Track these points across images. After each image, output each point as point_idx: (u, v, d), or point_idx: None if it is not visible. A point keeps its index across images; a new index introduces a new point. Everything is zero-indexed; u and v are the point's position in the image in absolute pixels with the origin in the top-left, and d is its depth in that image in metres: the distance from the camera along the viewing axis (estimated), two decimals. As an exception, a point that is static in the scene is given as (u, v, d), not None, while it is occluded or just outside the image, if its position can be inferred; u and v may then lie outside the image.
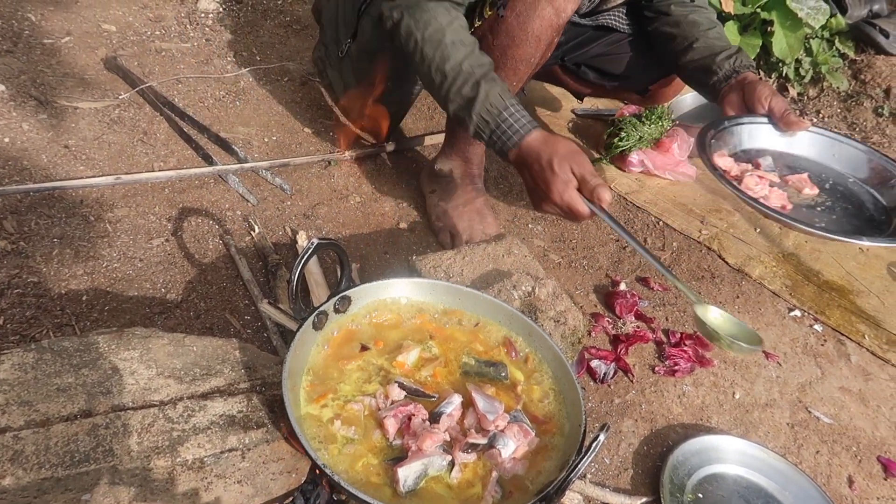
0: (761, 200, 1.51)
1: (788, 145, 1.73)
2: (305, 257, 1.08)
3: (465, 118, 1.41)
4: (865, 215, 1.60)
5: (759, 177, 1.58)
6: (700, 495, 1.38)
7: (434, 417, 1.07)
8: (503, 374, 1.18)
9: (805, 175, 1.64)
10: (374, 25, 1.74)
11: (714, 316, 1.27)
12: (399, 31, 1.48)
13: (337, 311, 1.20)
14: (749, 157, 1.69)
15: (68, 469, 0.93)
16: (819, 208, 1.59)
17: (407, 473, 0.99)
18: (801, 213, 1.56)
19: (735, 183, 1.54)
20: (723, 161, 1.61)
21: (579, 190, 1.32)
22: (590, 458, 0.92)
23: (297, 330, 1.11)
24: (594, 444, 0.92)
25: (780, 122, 1.67)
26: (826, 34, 3.05)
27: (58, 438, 0.96)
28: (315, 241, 1.10)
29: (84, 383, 1.05)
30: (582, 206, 1.31)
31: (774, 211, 1.47)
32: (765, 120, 1.69)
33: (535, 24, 1.53)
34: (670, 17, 1.84)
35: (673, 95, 2.15)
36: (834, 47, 3.05)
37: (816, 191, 1.62)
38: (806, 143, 1.73)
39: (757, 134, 1.70)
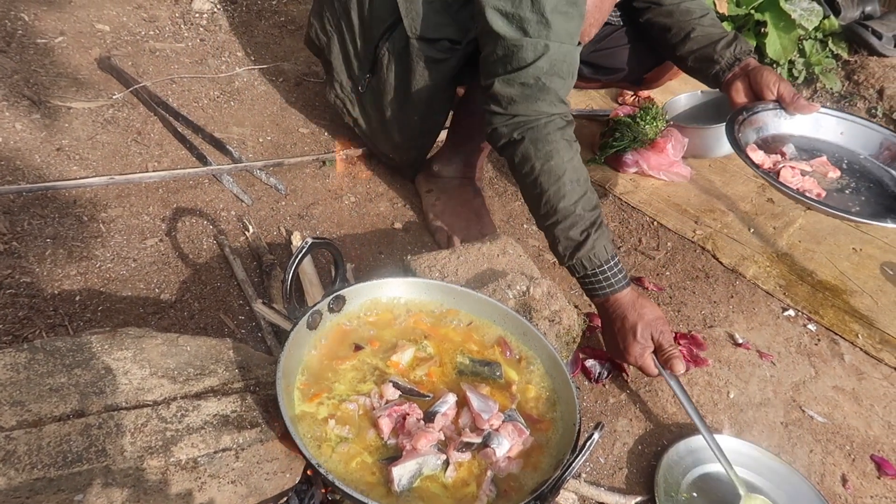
0: (806, 193, 1.56)
1: (798, 128, 1.75)
2: (300, 256, 1.08)
3: (564, 254, 1.44)
4: (888, 191, 1.63)
5: (791, 167, 1.60)
6: (694, 494, 1.38)
7: (428, 417, 1.07)
8: (498, 374, 1.18)
9: (824, 158, 1.67)
10: (398, 58, 1.71)
11: None
12: (515, 152, 1.46)
13: (331, 310, 1.20)
14: (771, 146, 1.71)
15: (61, 469, 0.93)
16: (847, 191, 1.63)
17: (401, 473, 0.99)
18: (836, 200, 1.59)
19: (774, 177, 1.58)
20: (756, 156, 1.64)
21: (655, 352, 1.47)
22: (584, 457, 0.92)
23: (292, 329, 1.11)
24: (588, 443, 0.92)
25: (791, 107, 1.69)
26: (819, 35, 3.06)
27: (50, 438, 0.96)
28: (309, 240, 1.10)
29: (77, 383, 1.04)
30: (654, 369, 1.47)
31: (822, 203, 1.51)
32: (774, 105, 1.71)
33: None
34: (662, 6, 1.83)
35: (666, 79, 2.13)
36: (827, 48, 3.07)
37: (838, 173, 1.66)
38: (811, 124, 1.76)
39: (772, 121, 1.73)
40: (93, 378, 1.06)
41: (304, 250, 1.09)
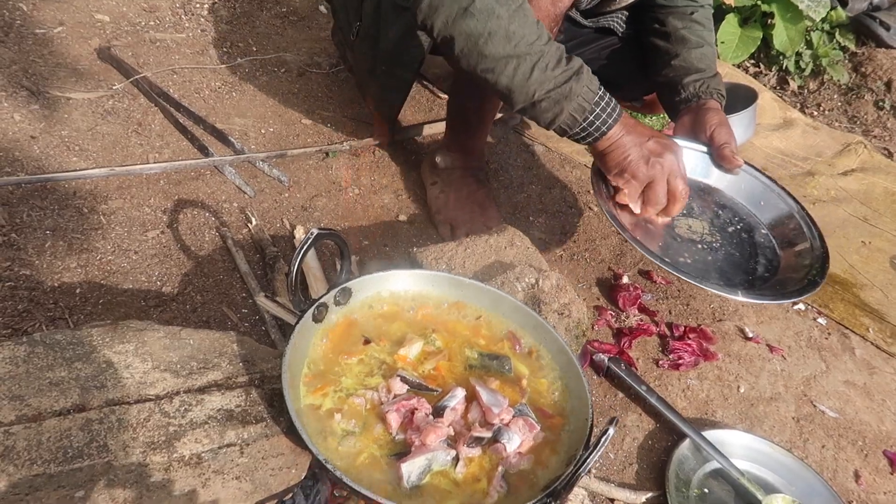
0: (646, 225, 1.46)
1: (720, 180, 1.64)
2: (305, 247, 1.06)
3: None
4: (746, 267, 1.49)
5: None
6: (706, 490, 1.36)
7: (437, 411, 1.05)
8: (507, 368, 1.16)
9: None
10: (374, 8, 1.70)
11: None
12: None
13: (337, 303, 1.17)
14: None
15: (61, 465, 0.90)
16: (700, 245, 1.50)
17: (410, 469, 0.97)
18: (672, 244, 1.47)
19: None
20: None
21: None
22: (598, 453, 0.90)
23: (297, 322, 1.09)
24: (603, 439, 0.89)
25: (715, 155, 1.59)
26: (826, 27, 3.03)
27: (50, 434, 0.93)
28: (315, 231, 1.07)
29: (77, 377, 1.02)
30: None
31: (624, 230, 1.39)
32: (705, 149, 1.60)
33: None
34: (665, 28, 1.74)
35: None
36: (834, 40, 3.04)
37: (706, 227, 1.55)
38: (739, 182, 1.64)
39: (694, 164, 1.58)
40: (94, 372, 1.03)
41: (309, 241, 1.06)
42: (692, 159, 1.57)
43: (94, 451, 0.93)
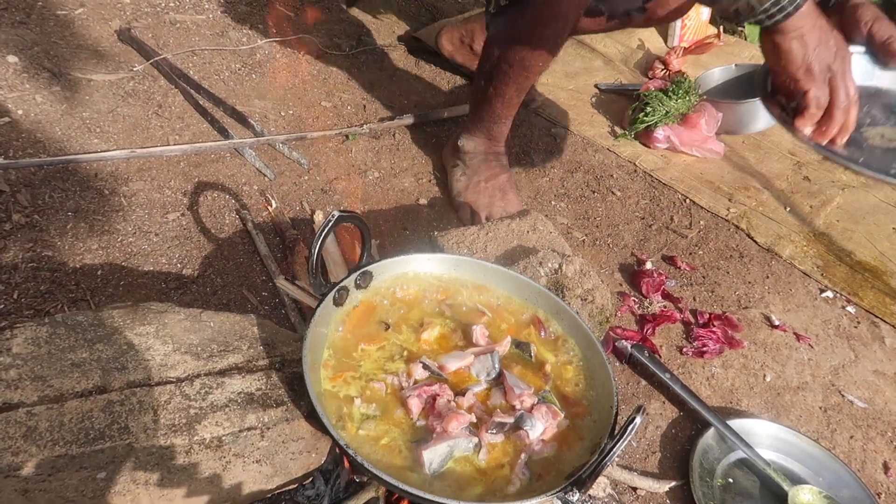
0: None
1: (892, 81, 1.38)
2: (326, 230, 1.04)
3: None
4: None
5: None
6: (730, 480, 1.33)
7: (460, 392, 1.03)
8: (530, 354, 1.14)
9: None
10: None
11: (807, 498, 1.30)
12: None
13: (358, 286, 1.16)
14: None
15: (83, 446, 0.90)
16: None
17: (432, 456, 0.95)
18: (876, 156, 1.27)
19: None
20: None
21: None
22: (625, 442, 0.88)
23: (318, 306, 1.08)
24: (629, 428, 0.88)
25: (880, 52, 1.33)
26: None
27: (72, 415, 0.93)
28: (336, 213, 1.06)
29: (99, 358, 1.01)
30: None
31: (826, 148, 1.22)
32: (862, 51, 1.34)
33: (564, 4, 1.46)
34: None
35: (675, 13, 1.92)
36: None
37: None
38: None
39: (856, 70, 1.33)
40: (115, 353, 1.03)
41: (330, 224, 1.05)
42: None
43: (116, 433, 0.93)
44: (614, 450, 0.88)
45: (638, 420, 0.88)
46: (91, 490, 0.94)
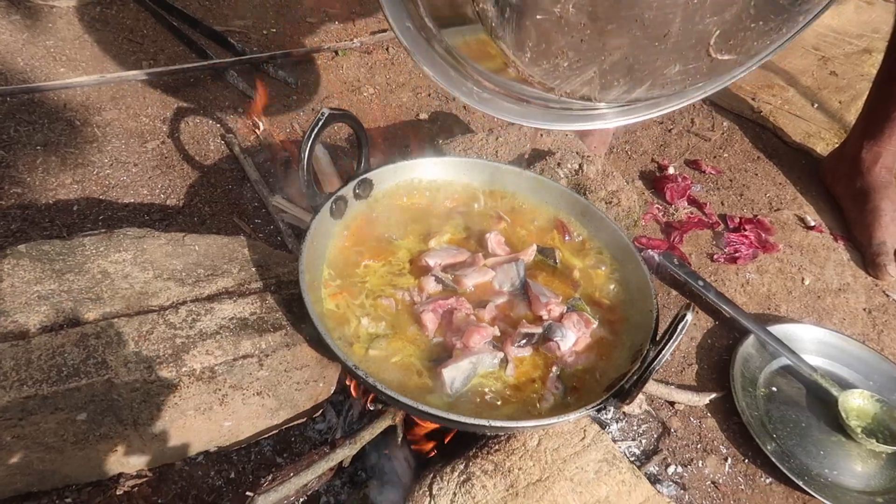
0: None
1: None
2: (316, 129, 0.91)
3: None
4: None
5: None
6: (774, 389, 1.23)
7: (480, 304, 0.92)
8: (554, 260, 1.02)
9: None
10: None
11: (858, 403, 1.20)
12: None
13: (357, 196, 1.03)
14: None
15: (55, 385, 0.79)
16: None
17: (454, 375, 0.84)
18: None
19: None
20: None
21: None
22: (675, 343, 0.76)
23: (313, 218, 0.95)
24: (680, 326, 0.76)
25: None
26: None
27: (41, 351, 0.82)
28: (326, 111, 0.92)
29: (69, 290, 0.90)
30: None
31: None
32: None
33: None
34: None
35: None
36: None
37: None
38: None
39: None
40: (87, 284, 0.91)
41: (320, 122, 0.91)
42: None
43: (92, 369, 0.81)
44: (663, 353, 0.76)
45: (689, 317, 0.76)
46: (72, 434, 0.84)
